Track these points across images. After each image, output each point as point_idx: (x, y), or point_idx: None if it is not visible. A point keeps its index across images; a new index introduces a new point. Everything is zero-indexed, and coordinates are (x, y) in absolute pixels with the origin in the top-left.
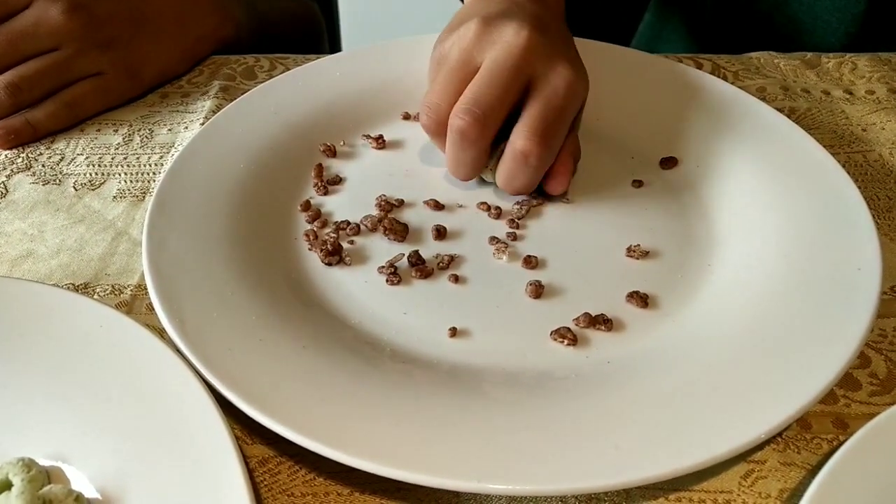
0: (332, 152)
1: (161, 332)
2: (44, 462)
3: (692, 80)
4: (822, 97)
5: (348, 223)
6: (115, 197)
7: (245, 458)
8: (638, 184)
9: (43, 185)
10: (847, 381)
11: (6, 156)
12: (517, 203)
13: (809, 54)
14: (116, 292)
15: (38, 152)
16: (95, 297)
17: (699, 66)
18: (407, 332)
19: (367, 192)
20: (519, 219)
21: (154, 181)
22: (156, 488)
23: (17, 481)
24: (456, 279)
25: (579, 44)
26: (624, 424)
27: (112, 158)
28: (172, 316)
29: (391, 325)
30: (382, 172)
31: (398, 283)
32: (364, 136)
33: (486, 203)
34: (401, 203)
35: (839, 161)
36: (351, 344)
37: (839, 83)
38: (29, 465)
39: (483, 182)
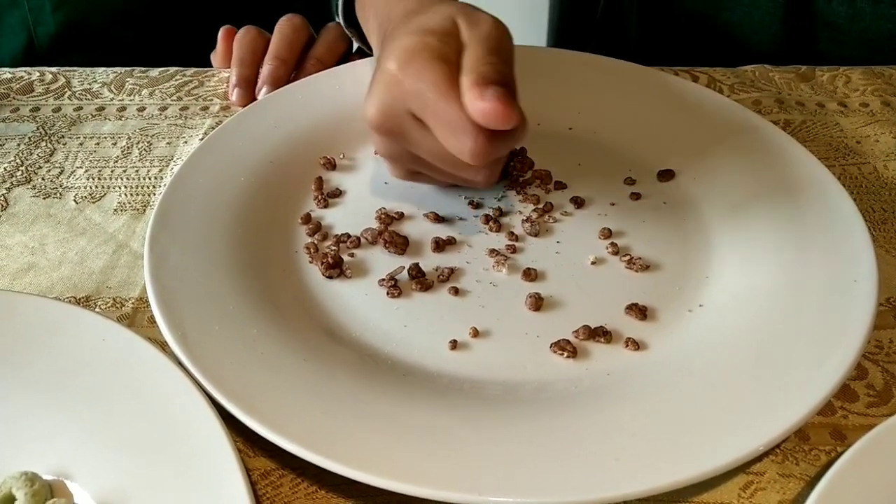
0: (331, 165)
1: (163, 345)
2: (46, 476)
3: (689, 93)
4: (816, 110)
5: (348, 236)
6: (115, 210)
7: (247, 471)
8: (636, 196)
9: (43, 198)
10: (844, 392)
11: (5, 169)
12: (524, 220)
13: (803, 67)
14: (118, 305)
15: (37, 165)
16: (97, 310)
17: (695, 79)
18: (407, 344)
19: (367, 205)
20: (519, 232)
21: (154, 194)
22: (158, 501)
23: (20, 495)
24: (456, 292)
25: (577, 57)
26: (624, 436)
27: (111, 171)
28: (174, 329)
29: (392, 338)
30: (382, 185)
31: (398, 295)
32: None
33: (485, 216)
34: (401, 216)
35: (834, 173)
36: (352, 356)
37: (833, 96)
38: (32, 479)
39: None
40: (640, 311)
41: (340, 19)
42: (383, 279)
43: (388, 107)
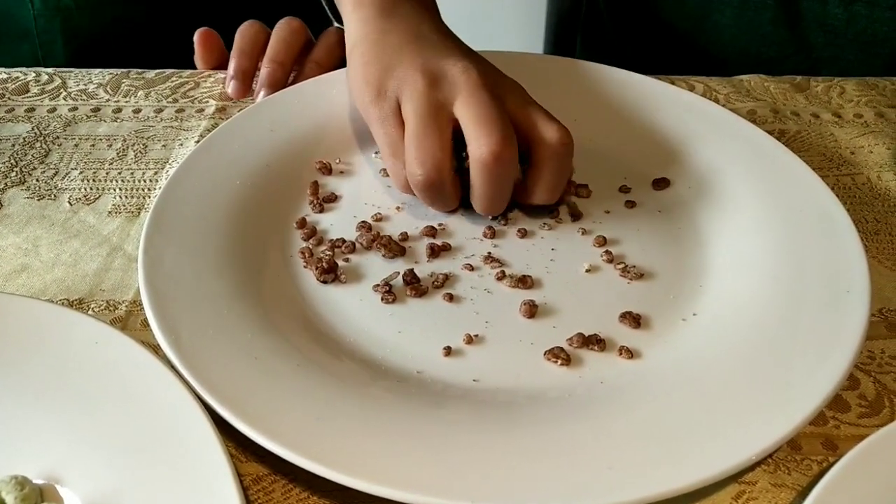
0: (327, 170)
1: (156, 349)
2: (37, 480)
3: (684, 102)
4: (811, 120)
5: (343, 241)
6: (109, 212)
7: (239, 476)
8: (630, 204)
9: (38, 199)
10: (837, 402)
11: (0, 170)
12: (519, 227)
13: (799, 78)
14: (111, 308)
15: (31, 166)
16: (90, 312)
17: (691, 88)
18: (401, 350)
19: (362, 210)
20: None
21: (149, 197)
22: None
23: (10, 499)
24: (450, 298)
25: (573, 65)
26: (617, 445)
27: (106, 173)
28: (167, 332)
29: (386, 344)
30: (378, 190)
31: (393, 301)
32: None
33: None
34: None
35: (828, 183)
36: (346, 362)
37: (828, 106)
38: (22, 482)
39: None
40: (633, 320)
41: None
42: (378, 284)
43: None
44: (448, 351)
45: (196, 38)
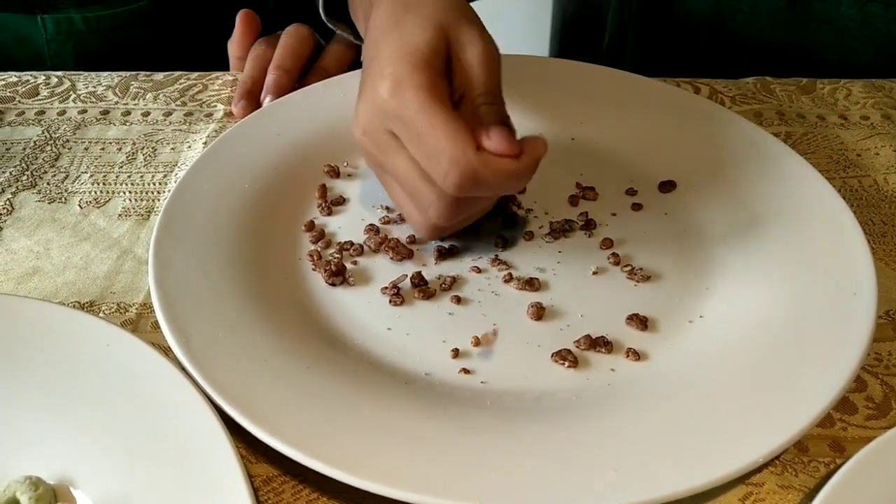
0: (335, 173)
1: (166, 351)
2: (50, 481)
3: (691, 105)
4: (817, 122)
5: (352, 244)
6: (120, 215)
7: (250, 477)
8: (637, 207)
9: (48, 203)
10: (843, 404)
11: (11, 173)
12: (526, 230)
13: (804, 80)
14: (122, 310)
15: (42, 170)
16: (101, 315)
17: (696, 91)
18: (409, 352)
19: (370, 213)
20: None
21: (158, 200)
22: None
23: (24, 499)
24: (458, 300)
25: (579, 67)
26: (624, 447)
27: (116, 177)
28: (178, 335)
29: (394, 346)
30: (386, 193)
31: (401, 303)
32: None
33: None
34: (402, 221)
35: (834, 186)
36: (354, 364)
37: (834, 108)
38: (36, 483)
39: None
40: (640, 322)
41: (322, 11)
42: (386, 287)
43: (374, 126)
44: (456, 353)
45: (239, 17)
